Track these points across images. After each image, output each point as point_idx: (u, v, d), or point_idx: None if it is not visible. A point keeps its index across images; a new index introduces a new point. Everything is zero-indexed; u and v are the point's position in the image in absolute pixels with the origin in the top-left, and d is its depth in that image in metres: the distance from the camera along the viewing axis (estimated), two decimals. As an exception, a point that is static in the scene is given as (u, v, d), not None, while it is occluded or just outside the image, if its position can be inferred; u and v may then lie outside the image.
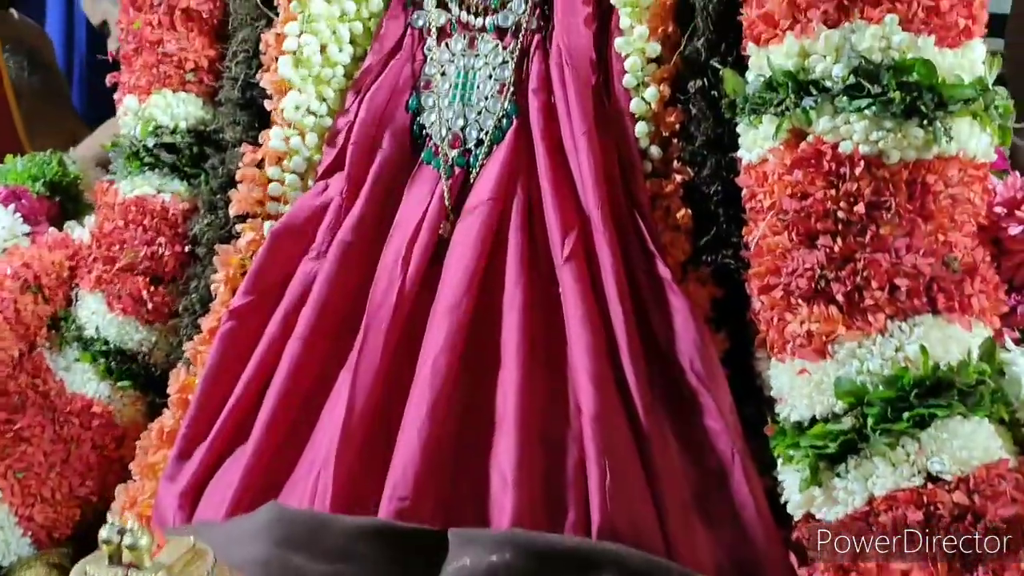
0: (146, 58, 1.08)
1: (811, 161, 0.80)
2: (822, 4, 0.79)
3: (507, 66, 0.98)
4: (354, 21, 1.04)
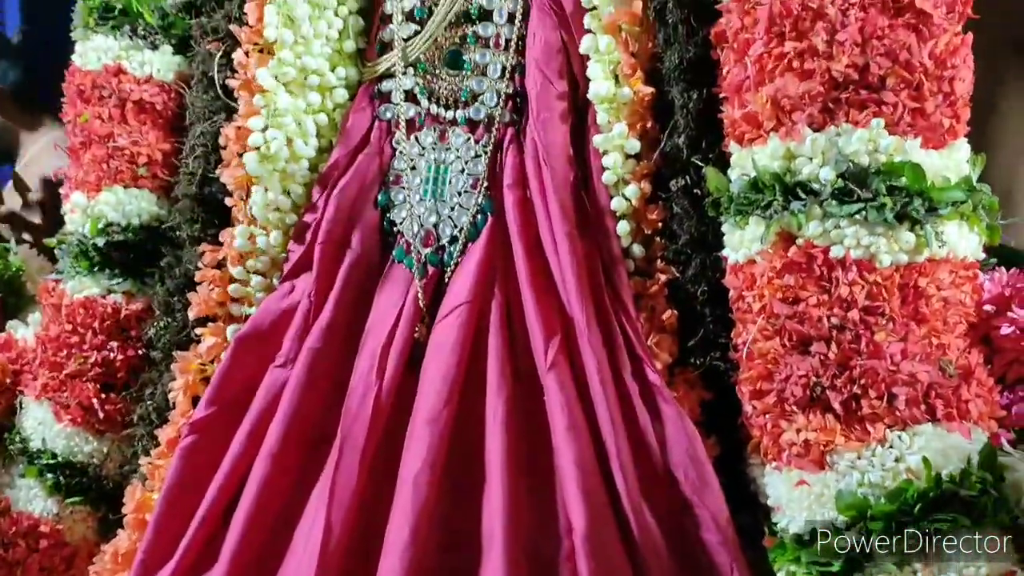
0: (95, 152, 1.03)
1: (802, 265, 0.78)
2: (807, 107, 0.78)
3: (480, 160, 0.95)
4: (319, 113, 1.00)
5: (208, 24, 1.01)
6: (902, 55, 0.76)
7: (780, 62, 0.79)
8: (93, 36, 1.04)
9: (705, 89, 0.85)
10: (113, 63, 1.03)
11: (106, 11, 1.02)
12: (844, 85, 0.77)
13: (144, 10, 1.02)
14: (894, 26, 0.76)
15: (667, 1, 0.86)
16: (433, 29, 0.96)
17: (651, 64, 0.88)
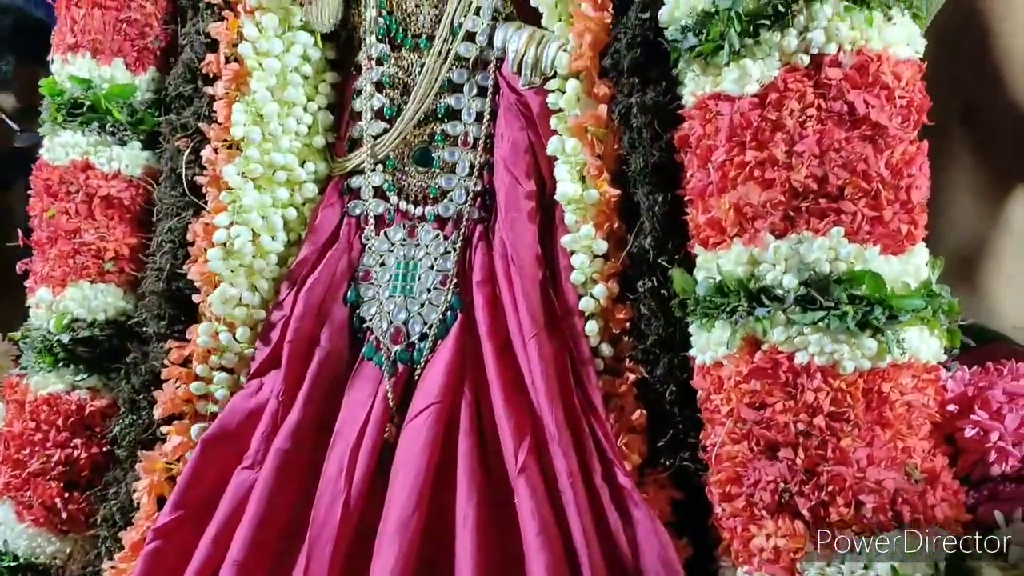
0: (61, 248, 1.02)
1: (768, 371, 0.78)
2: (769, 215, 0.79)
3: (449, 257, 0.95)
4: (288, 207, 1.00)
5: (177, 121, 1.01)
6: (859, 166, 0.78)
7: (742, 170, 0.80)
8: (61, 132, 1.03)
9: (670, 192, 0.87)
10: (81, 159, 1.03)
11: (74, 108, 1.02)
12: (804, 195, 0.78)
13: (113, 107, 1.02)
14: (851, 138, 0.78)
15: (631, 106, 0.87)
16: (402, 127, 0.97)
17: (617, 165, 0.90)
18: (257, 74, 0.97)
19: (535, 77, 0.92)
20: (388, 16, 0.98)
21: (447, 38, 0.96)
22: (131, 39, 1.03)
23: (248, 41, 0.97)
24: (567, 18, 0.91)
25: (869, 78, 0.78)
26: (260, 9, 0.98)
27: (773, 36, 0.79)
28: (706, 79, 0.83)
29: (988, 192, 1.47)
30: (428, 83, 0.96)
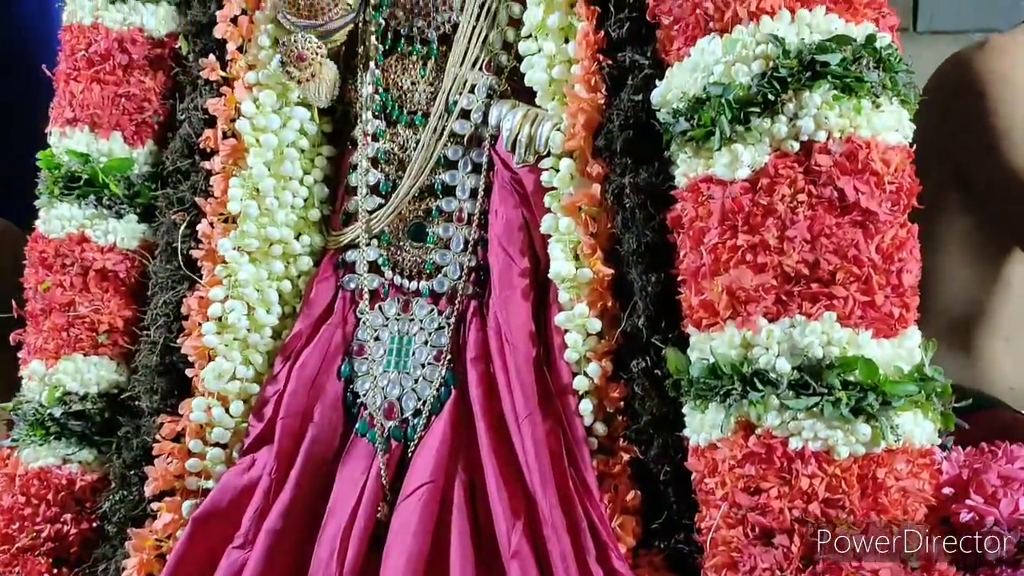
0: (55, 320, 1.02)
1: (762, 456, 0.78)
2: (761, 299, 0.79)
3: (444, 332, 0.95)
4: (283, 280, 1.00)
5: (174, 195, 1.02)
6: (850, 251, 0.78)
7: (734, 254, 0.81)
8: (57, 204, 1.04)
9: (663, 272, 0.87)
10: (77, 231, 1.03)
11: (71, 181, 1.03)
12: (796, 279, 0.79)
13: (110, 181, 1.02)
14: (841, 224, 0.79)
15: (624, 186, 0.88)
16: (397, 203, 0.98)
17: (610, 244, 0.90)
18: (254, 150, 0.98)
19: (529, 156, 0.93)
20: (384, 93, 1.00)
21: (442, 115, 0.97)
22: (129, 114, 1.04)
23: (246, 117, 0.99)
24: (561, 97, 0.92)
25: (859, 165, 0.79)
26: (258, 86, 0.99)
27: (763, 123, 0.80)
28: (698, 162, 0.84)
29: (983, 254, 1.48)
30: (423, 159, 0.97)
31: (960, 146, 1.39)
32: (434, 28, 0.98)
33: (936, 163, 1.39)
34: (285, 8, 0.96)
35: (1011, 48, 1.39)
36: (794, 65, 0.79)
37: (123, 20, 1.03)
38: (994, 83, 1.35)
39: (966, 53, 1.42)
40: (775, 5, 0.81)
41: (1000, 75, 1.35)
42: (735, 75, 0.81)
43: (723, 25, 0.82)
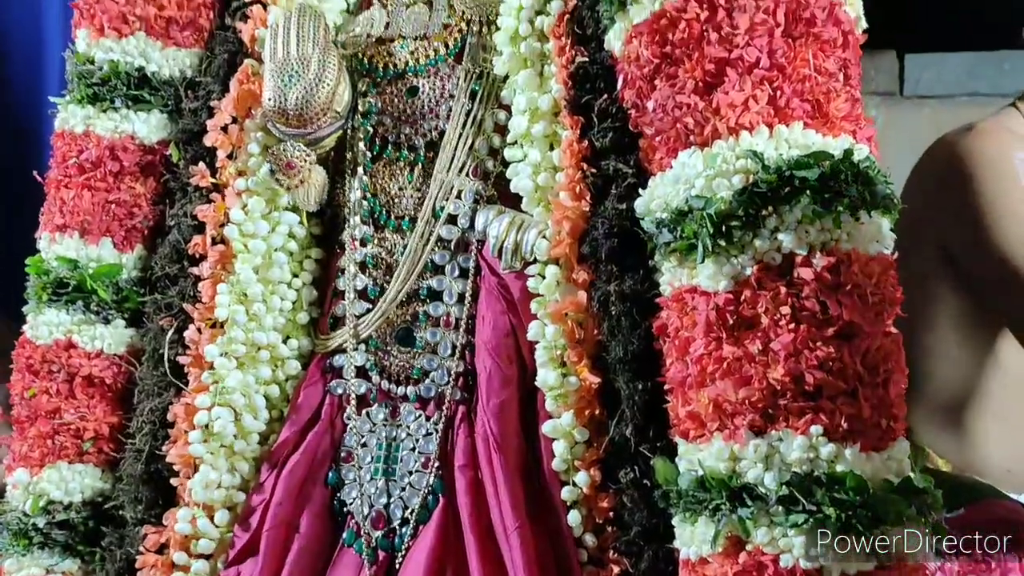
0: (41, 428, 1.01)
1: (753, 574, 0.77)
2: (747, 412, 0.79)
3: (432, 439, 0.95)
4: (270, 385, 1.00)
5: (162, 301, 1.02)
6: (835, 365, 0.78)
7: (719, 365, 0.80)
8: (45, 310, 1.04)
9: (650, 380, 0.87)
10: (64, 337, 1.03)
11: (59, 287, 1.03)
12: (782, 392, 0.78)
13: (98, 287, 1.03)
14: (825, 337, 0.79)
15: (610, 293, 0.88)
16: (385, 308, 0.98)
17: (597, 351, 0.90)
18: (242, 256, 0.99)
19: (515, 262, 0.93)
20: (372, 198, 1.01)
21: (429, 220, 0.98)
22: (119, 219, 1.05)
23: (234, 224, 1.00)
24: (546, 204, 0.93)
25: (841, 278, 0.79)
26: (247, 192, 1.01)
27: (745, 236, 0.81)
28: (682, 272, 0.85)
29: (975, 334, 1.48)
30: (411, 264, 0.98)
31: (948, 228, 1.41)
32: (421, 135, 1.00)
33: (926, 243, 1.41)
34: (275, 117, 0.97)
35: (998, 133, 1.41)
36: (773, 180, 0.80)
37: (115, 128, 1.05)
38: (982, 167, 1.37)
39: (953, 137, 1.44)
40: (753, 121, 0.82)
41: (987, 160, 1.37)
42: (716, 189, 0.82)
43: (703, 139, 0.84)
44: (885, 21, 2.68)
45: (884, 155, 2.66)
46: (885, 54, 3.11)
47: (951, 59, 3.02)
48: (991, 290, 1.42)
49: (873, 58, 3.13)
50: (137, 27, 1.04)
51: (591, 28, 0.93)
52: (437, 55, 1.00)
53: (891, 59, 3.07)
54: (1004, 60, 3.00)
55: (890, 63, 3.09)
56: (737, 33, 0.83)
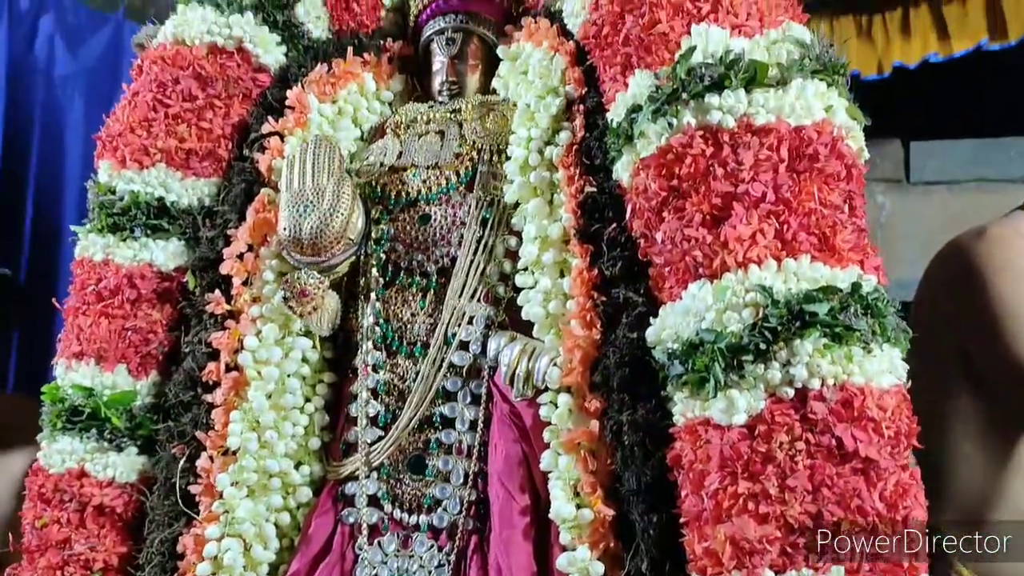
0: (50, 559, 1.00)
1: None
2: (766, 551, 0.77)
3: (444, 570, 0.93)
4: (281, 512, 0.99)
5: (175, 428, 1.02)
6: (853, 502, 0.77)
7: (735, 501, 0.79)
8: (59, 438, 1.04)
9: (665, 512, 0.86)
10: (77, 466, 1.03)
11: (74, 415, 1.04)
12: (800, 530, 0.77)
13: (112, 415, 1.03)
14: (842, 473, 0.78)
15: (622, 423, 0.88)
16: (397, 435, 0.98)
17: (611, 481, 0.89)
18: (255, 383, 0.99)
19: (527, 390, 0.93)
20: (385, 324, 1.02)
21: (441, 347, 0.98)
22: (135, 346, 1.06)
23: (248, 351, 1.00)
24: (557, 331, 0.94)
25: (855, 412, 0.79)
26: (261, 319, 1.02)
27: (757, 369, 0.81)
28: (695, 403, 0.84)
29: (995, 437, 1.45)
30: (423, 391, 0.98)
31: (964, 333, 1.40)
32: (433, 261, 1.02)
33: (944, 346, 1.40)
34: (289, 246, 0.99)
35: (1010, 237, 1.41)
36: (783, 314, 0.80)
37: (133, 256, 1.07)
38: (995, 272, 1.36)
39: (965, 241, 1.44)
40: (761, 254, 0.83)
41: (1000, 264, 1.37)
42: (727, 322, 0.82)
43: (712, 272, 0.84)
44: (890, 109, 2.73)
45: (892, 241, 2.70)
46: (890, 142, 3.17)
47: (957, 146, 3.07)
48: (1010, 393, 1.40)
49: (878, 146, 3.19)
50: (158, 159, 1.07)
51: (599, 158, 0.96)
52: (449, 183, 1.03)
53: (896, 147, 3.12)
54: (1010, 146, 3.05)
55: (895, 150, 3.14)
56: (742, 168, 0.85)
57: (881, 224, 3.08)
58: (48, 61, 2.65)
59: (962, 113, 2.84)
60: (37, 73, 2.61)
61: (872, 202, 3.09)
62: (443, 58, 1.12)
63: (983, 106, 2.78)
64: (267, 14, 1.12)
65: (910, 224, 3.10)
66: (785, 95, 0.86)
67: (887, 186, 3.18)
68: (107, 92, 2.71)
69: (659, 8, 0.91)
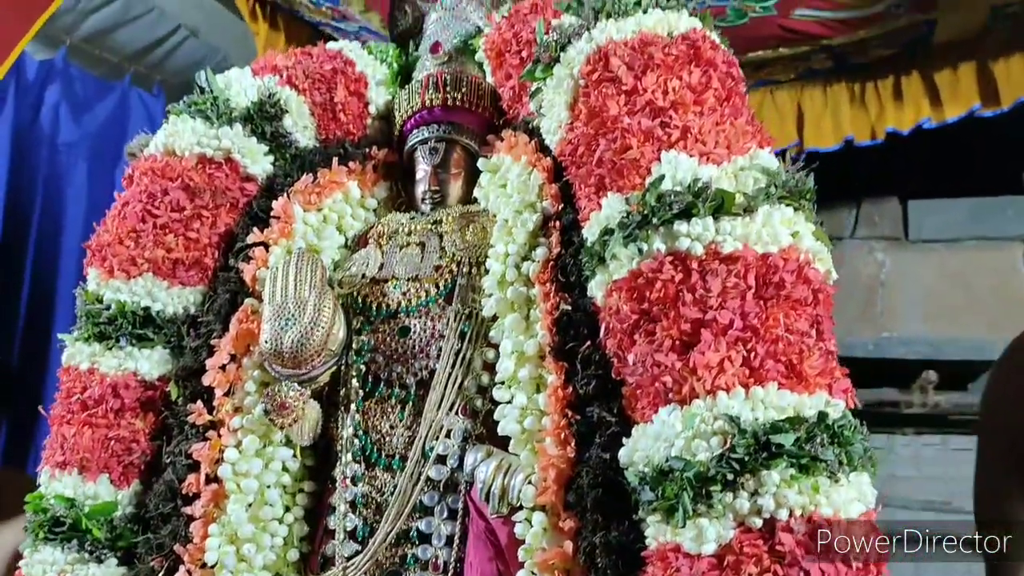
0: None
1: None
2: None
3: None
4: None
5: (154, 540, 1.03)
6: None
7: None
8: (41, 548, 1.05)
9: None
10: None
11: (56, 525, 1.04)
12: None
13: (93, 526, 1.04)
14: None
15: (596, 544, 0.88)
16: (374, 549, 0.98)
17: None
18: (234, 496, 1.00)
19: (503, 507, 0.94)
20: (364, 435, 1.03)
21: (419, 461, 0.99)
22: (118, 455, 1.07)
23: (228, 463, 1.01)
24: (533, 447, 0.94)
25: (822, 545, 0.79)
26: (242, 430, 1.03)
27: (726, 498, 0.81)
28: (666, 528, 0.84)
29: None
30: (400, 505, 0.98)
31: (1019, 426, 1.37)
32: (412, 374, 1.03)
33: (1004, 447, 1.37)
34: (271, 358, 1.00)
35: None
36: (751, 444, 0.81)
37: (119, 365, 1.08)
38: None
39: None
40: (729, 382, 0.84)
41: None
42: (695, 450, 0.83)
43: (682, 398, 0.85)
44: (887, 168, 2.73)
45: (892, 299, 2.68)
46: (888, 200, 3.19)
47: (955, 205, 3.08)
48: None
49: (877, 204, 3.21)
50: (145, 268, 1.10)
51: (574, 275, 0.97)
52: (428, 296, 1.04)
53: (894, 205, 3.14)
54: (1008, 205, 3.06)
55: (893, 208, 3.15)
56: (711, 295, 0.86)
57: (881, 282, 3.09)
58: (53, 129, 2.72)
59: (958, 173, 2.86)
60: (42, 141, 2.68)
61: (872, 259, 3.10)
62: (426, 166, 1.15)
63: (979, 166, 2.81)
64: (256, 125, 1.15)
65: (910, 282, 3.10)
66: (752, 223, 0.88)
67: (887, 244, 3.20)
68: (111, 157, 2.78)
69: (630, 134, 0.93)
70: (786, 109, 2.71)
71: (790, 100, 2.71)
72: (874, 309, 3.05)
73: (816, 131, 2.67)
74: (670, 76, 0.95)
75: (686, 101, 0.94)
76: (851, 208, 3.19)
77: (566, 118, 1.00)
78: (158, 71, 2.87)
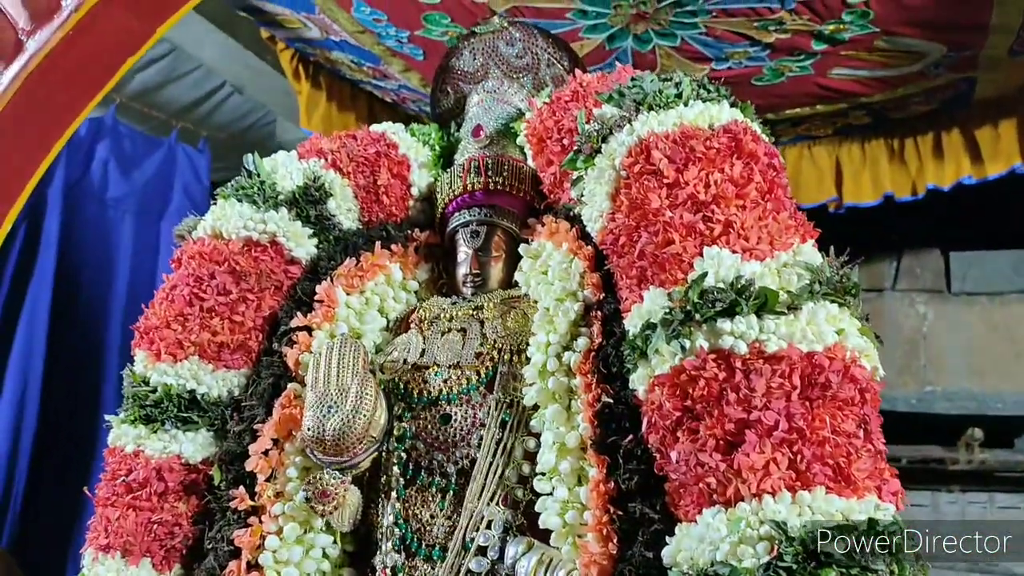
0: None
1: None
2: None
3: None
4: None
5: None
6: None
7: None
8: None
9: None
10: None
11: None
12: None
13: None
14: None
15: None
16: None
17: None
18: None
19: (543, 606, 0.93)
20: (404, 524, 1.02)
21: (459, 552, 0.99)
22: (160, 539, 1.07)
23: (269, 550, 1.01)
24: (574, 541, 0.93)
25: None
26: (284, 516, 1.03)
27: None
28: (714, 638, 0.83)
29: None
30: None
31: None
32: (453, 462, 1.03)
33: None
34: (313, 445, 1.01)
35: None
36: (799, 551, 0.79)
37: (163, 448, 1.10)
38: None
39: None
40: (775, 486, 0.82)
41: None
42: (741, 556, 0.81)
43: (726, 499, 0.84)
44: (928, 220, 2.70)
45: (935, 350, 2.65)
46: (930, 252, 3.14)
47: (997, 257, 3.03)
48: None
49: (918, 256, 3.17)
50: (191, 351, 1.11)
51: (616, 366, 0.97)
52: (469, 383, 1.05)
53: (936, 257, 3.10)
54: (1051, 258, 3.01)
55: (935, 260, 3.11)
56: (755, 395, 0.85)
57: (923, 335, 3.04)
58: (102, 185, 2.80)
59: (1000, 224, 2.82)
60: (91, 197, 2.75)
61: (914, 312, 3.05)
62: (467, 249, 1.16)
63: (1020, 219, 2.76)
64: (300, 209, 1.17)
65: (953, 335, 3.05)
66: (796, 321, 0.87)
67: (929, 296, 3.16)
68: (156, 212, 2.86)
69: (672, 228, 0.93)
70: (824, 164, 2.70)
71: (828, 156, 2.69)
72: (917, 362, 3.00)
73: (855, 186, 2.65)
74: (712, 169, 0.95)
75: (728, 195, 0.94)
76: (892, 259, 3.16)
77: (607, 208, 1.01)
78: (204, 126, 2.94)
